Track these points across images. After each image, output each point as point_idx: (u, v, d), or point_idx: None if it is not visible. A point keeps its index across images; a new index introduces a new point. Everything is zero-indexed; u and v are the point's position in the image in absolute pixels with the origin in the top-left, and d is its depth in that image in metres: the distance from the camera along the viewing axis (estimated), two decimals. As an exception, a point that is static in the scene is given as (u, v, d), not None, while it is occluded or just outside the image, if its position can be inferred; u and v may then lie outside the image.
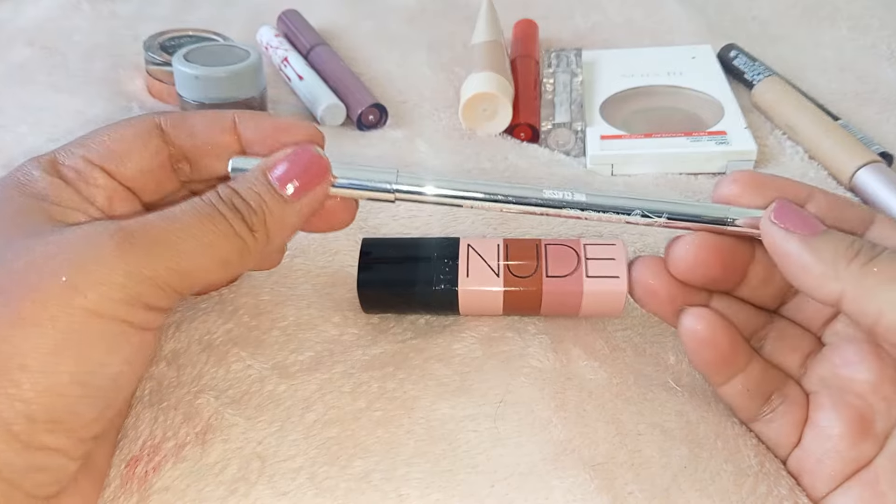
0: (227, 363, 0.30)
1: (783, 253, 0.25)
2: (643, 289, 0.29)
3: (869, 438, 0.25)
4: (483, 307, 0.32)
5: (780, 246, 0.25)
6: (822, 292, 0.24)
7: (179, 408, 0.28)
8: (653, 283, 0.29)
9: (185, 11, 0.65)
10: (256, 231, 0.25)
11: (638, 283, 0.29)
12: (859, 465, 0.25)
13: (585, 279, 0.31)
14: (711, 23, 0.63)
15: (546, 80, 0.51)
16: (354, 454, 0.27)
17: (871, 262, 0.24)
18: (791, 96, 0.49)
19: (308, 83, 0.51)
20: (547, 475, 0.26)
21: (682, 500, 0.26)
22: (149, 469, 0.26)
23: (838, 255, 0.24)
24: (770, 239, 0.26)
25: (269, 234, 0.26)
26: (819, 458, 0.26)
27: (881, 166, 0.42)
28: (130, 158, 0.27)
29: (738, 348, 0.27)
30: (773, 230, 0.26)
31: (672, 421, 0.28)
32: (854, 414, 0.26)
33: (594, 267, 0.31)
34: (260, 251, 0.26)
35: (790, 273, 0.25)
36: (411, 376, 0.30)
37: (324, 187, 0.27)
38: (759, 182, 0.27)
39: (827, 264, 0.24)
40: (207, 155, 0.29)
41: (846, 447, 0.26)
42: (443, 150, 0.45)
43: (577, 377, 0.30)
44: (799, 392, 0.28)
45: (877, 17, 0.63)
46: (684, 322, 0.27)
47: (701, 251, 0.28)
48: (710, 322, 0.27)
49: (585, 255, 0.31)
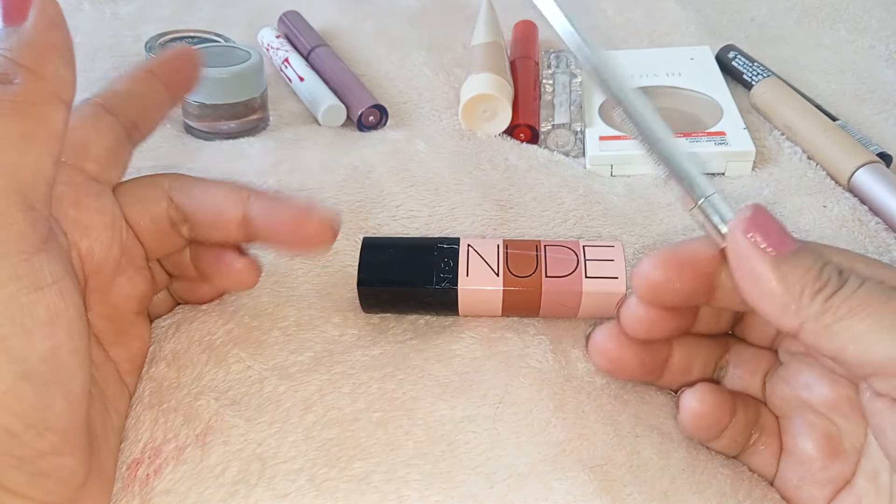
0: (228, 364, 0.30)
1: (749, 273, 0.23)
2: (610, 361, 0.28)
3: (839, 458, 0.25)
4: (482, 307, 0.32)
5: (748, 265, 0.23)
6: (780, 322, 0.23)
7: (180, 409, 0.28)
8: (620, 353, 0.28)
9: (187, 13, 0.65)
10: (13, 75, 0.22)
11: (604, 355, 0.28)
12: (837, 485, 0.25)
13: (585, 280, 0.31)
14: (710, 24, 0.63)
15: (545, 82, 0.51)
16: (354, 455, 0.27)
17: (834, 295, 0.22)
18: (790, 97, 0.49)
19: (309, 84, 0.51)
20: (546, 476, 0.26)
21: (680, 502, 0.26)
22: (150, 472, 0.27)
23: (805, 285, 0.22)
24: (737, 254, 0.24)
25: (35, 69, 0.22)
26: (796, 483, 0.26)
27: (880, 167, 0.42)
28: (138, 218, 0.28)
29: (729, 409, 0.27)
30: (742, 244, 0.23)
31: (669, 423, 0.29)
32: (820, 435, 0.26)
33: (593, 268, 0.31)
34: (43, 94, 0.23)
35: (750, 293, 0.24)
36: (411, 377, 0.30)
37: None
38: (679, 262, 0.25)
39: (792, 295, 0.22)
40: (210, 226, 0.29)
41: (818, 469, 0.26)
42: (443, 151, 0.45)
43: (575, 378, 0.30)
44: (770, 418, 0.28)
45: (875, 18, 0.63)
46: (686, 402, 0.27)
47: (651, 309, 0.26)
48: (708, 397, 0.27)
49: (585, 257, 0.32)
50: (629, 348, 0.28)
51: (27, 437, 0.21)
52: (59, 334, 0.22)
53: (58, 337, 0.22)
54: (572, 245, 0.32)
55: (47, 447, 0.22)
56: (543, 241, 0.33)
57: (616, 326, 0.28)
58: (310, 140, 0.47)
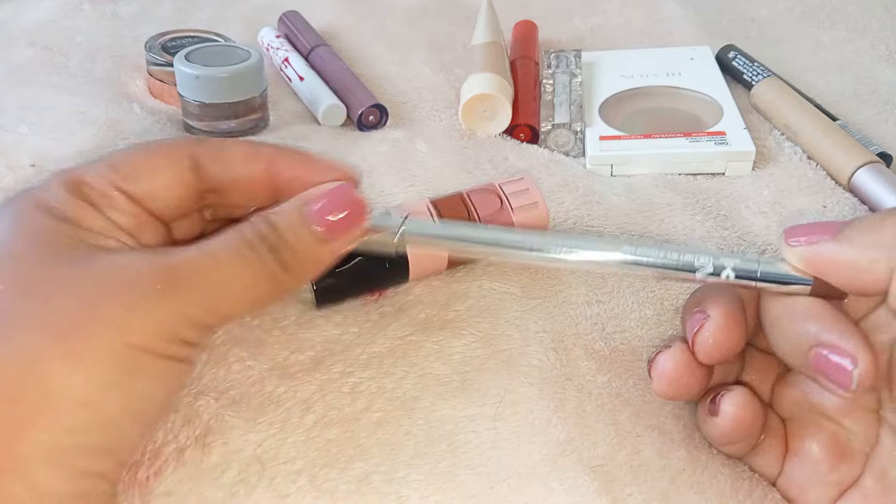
0: (228, 364, 0.30)
1: (829, 264, 0.24)
2: (679, 388, 0.27)
3: (847, 460, 0.25)
4: (431, 267, 0.34)
5: (820, 259, 0.24)
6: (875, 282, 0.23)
7: (180, 410, 0.28)
8: (688, 380, 0.27)
9: (187, 12, 0.65)
10: (290, 271, 0.25)
11: (673, 383, 0.27)
12: (843, 486, 0.25)
13: (512, 213, 0.35)
14: (710, 24, 0.63)
15: (545, 81, 0.51)
16: (354, 456, 0.27)
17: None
18: (790, 97, 0.49)
19: (309, 84, 0.51)
20: (546, 476, 0.26)
21: (681, 502, 0.26)
22: (150, 474, 0.26)
23: (873, 232, 0.23)
24: (805, 260, 0.25)
25: (302, 274, 0.26)
26: (802, 485, 0.26)
27: (880, 167, 0.42)
28: (160, 191, 0.26)
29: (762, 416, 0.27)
30: (801, 252, 0.25)
31: (670, 423, 0.29)
32: (829, 438, 0.26)
33: (515, 200, 0.35)
34: (291, 288, 0.26)
35: (844, 277, 0.24)
36: (411, 375, 0.30)
37: (359, 228, 0.27)
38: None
39: (873, 248, 0.23)
40: (239, 190, 0.28)
41: (826, 471, 0.26)
42: (443, 151, 0.45)
43: (577, 377, 0.30)
44: (776, 419, 0.28)
45: (875, 18, 0.63)
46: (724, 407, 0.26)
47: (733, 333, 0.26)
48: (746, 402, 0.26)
49: (505, 193, 0.35)
50: (697, 374, 0.27)
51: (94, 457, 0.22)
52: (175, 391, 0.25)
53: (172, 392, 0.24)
54: (491, 187, 0.35)
55: (104, 470, 0.22)
56: (465, 190, 0.35)
57: (684, 353, 0.27)
58: (310, 140, 0.47)
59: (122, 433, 0.22)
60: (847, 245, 0.24)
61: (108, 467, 0.23)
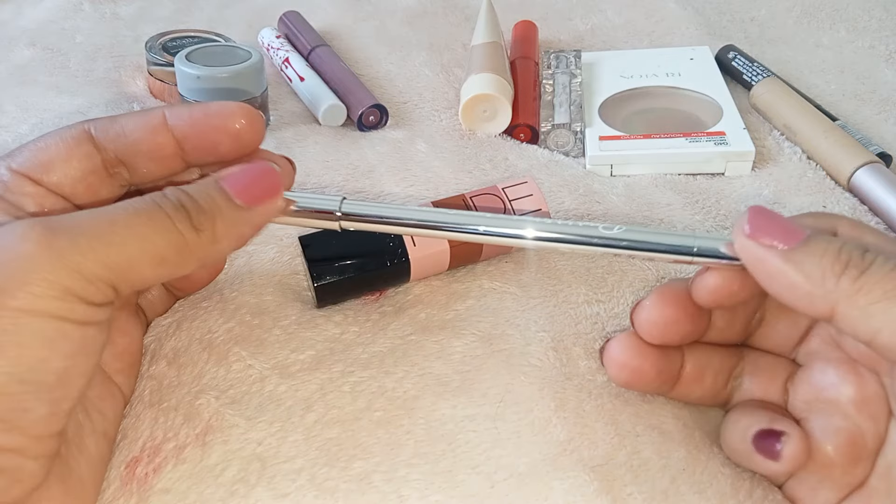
0: (228, 363, 0.30)
1: (765, 274, 0.23)
2: (630, 372, 0.28)
3: (861, 462, 0.25)
4: (432, 269, 0.34)
5: (764, 267, 0.23)
6: (812, 310, 0.23)
7: (180, 408, 0.28)
8: (638, 363, 0.28)
9: (187, 13, 0.65)
10: (203, 230, 0.24)
11: (623, 367, 0.28)
12: (852, 488, 0.25)
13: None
14: (710, 24, 0.63)
15: (545, 82, 0.51)
16: (355, 455, 0.27)
17: (863, 275, 0.22)
18: (789, 97, 0.49)
19: (309, 84, 0.51)
20: (547, 476, 0.26)
21: (681, 502, 0.26)
22: (149, 470, 0.26)
23: (825, 270, 0.22)
24: (748, 259, 0.24)
25: (217, 236, 0.25)
26: (812, 486, 0.26)
27: (880, 167, 0.42)
28: (56, 166, 0.26)
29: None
30: (749, 249, 0.24)
31: (670, 423, 0.29)
32: (845, 439, 0.25)
33: (518, 205, 0.35)
34: (204, 252, 0.25)
35: (776, 292, 0.24)
36: (411, 375, 0.30)
37: (276, 201, 0.27)
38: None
39: (814, 283, 0.22)
40: (142, 156, 0.28)
41: (840, 474, 0.25)
42: (443, 151, 0.45)
43: (577, 377, 0.30)
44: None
45: (875, 18, 0.63)
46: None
47: (666, 309, 0.27)
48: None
49: (508, 197, 0.35)
50: (646, 357, 0.27)
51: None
52: (79, 360, 0.23)
53: (76, 361, 0.22)
54: (493, 190, 0.35)
55: (14, 445, 0.22)
56: (467, 192, 0.35)
57: (631, 336, 0.28)
58: (310, 140, 0.47)
59: (14, 403, 0.21)
60: (793, 269, 0.23)
61: (16, 441, 0.22)
